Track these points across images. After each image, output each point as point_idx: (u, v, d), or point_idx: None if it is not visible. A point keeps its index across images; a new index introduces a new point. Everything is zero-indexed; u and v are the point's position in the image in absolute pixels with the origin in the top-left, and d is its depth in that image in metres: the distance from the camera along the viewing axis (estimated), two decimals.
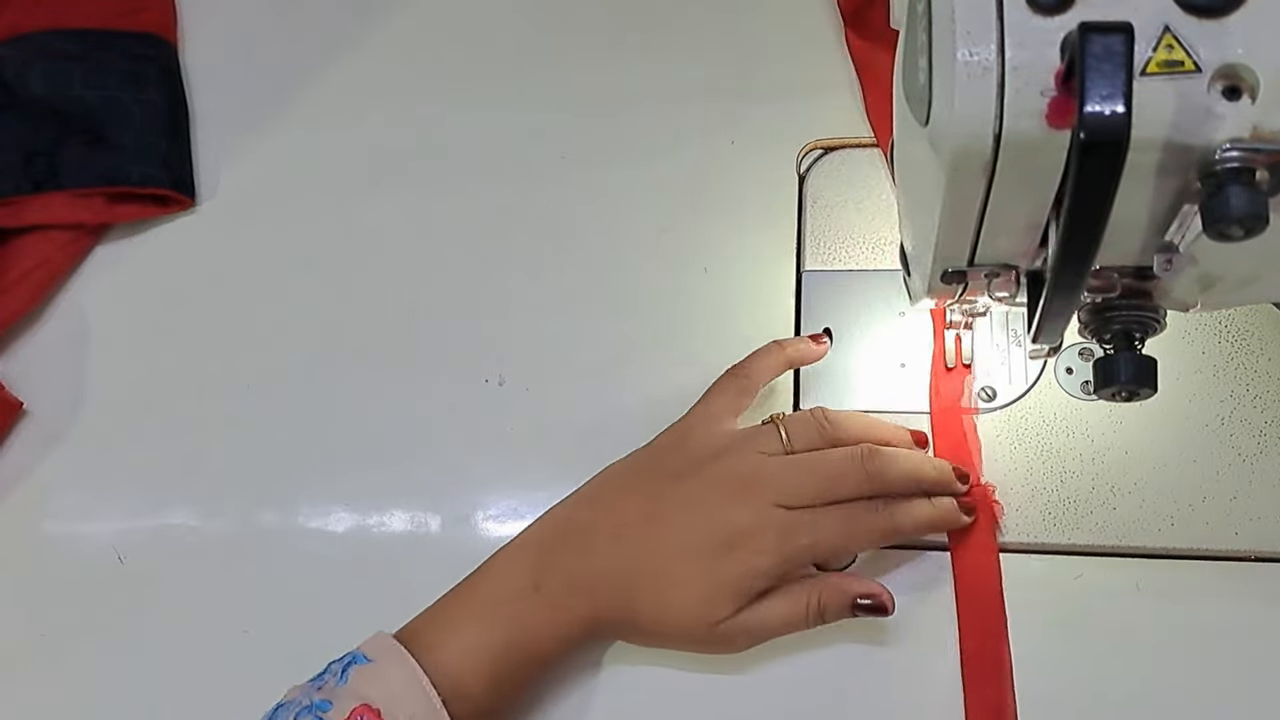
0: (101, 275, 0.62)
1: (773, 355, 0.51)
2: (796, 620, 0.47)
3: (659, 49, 0.63)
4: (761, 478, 0.47)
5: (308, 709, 0.43)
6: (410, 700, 0.42)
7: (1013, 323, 0.54)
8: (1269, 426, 0.50)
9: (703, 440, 0.49)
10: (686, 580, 0.46)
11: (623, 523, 0.47)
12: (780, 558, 0.46)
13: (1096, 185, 0.31)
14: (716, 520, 0.46)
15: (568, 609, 0.46)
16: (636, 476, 0.49)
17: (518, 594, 0.46)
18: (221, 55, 0.67)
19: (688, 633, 0.47)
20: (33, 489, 0.58)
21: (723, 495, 0.46)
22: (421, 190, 0.62)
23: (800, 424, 0.49)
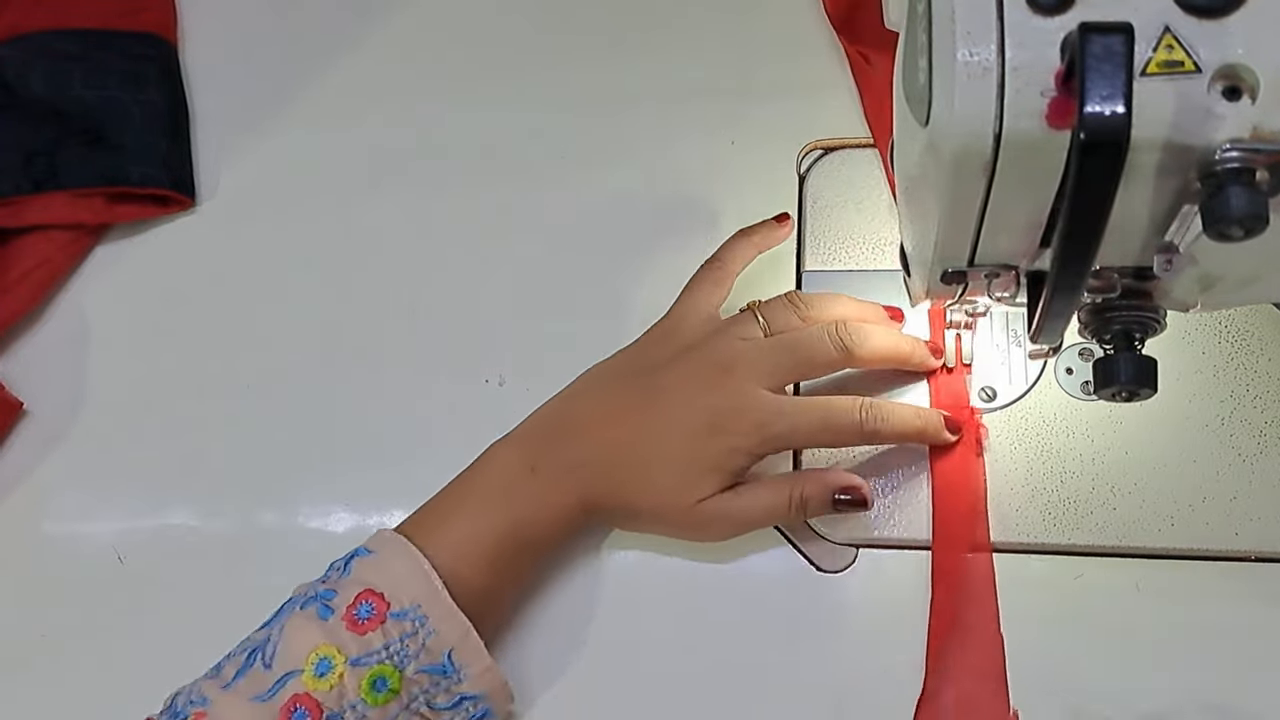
0: (101, 275, 0.62)
1: (741, 243, 0.53)
2: (778, 510, 0.48)
3: (659, 49, 0.63)
4: (740, 361, 0.48)
5: (313, 598, 0.44)
6: (413, 584, 0.44)
7: (1013, 323, 0.54)
8: (1269, 426, 0.50)
9: (684, 331, 0.51)
10: (670, 459, 0.48)
11: (611, 410, 0.49)
12: (759, 439, 0.47)
13: (1096, 185, 0.31)
14: (699, 405, 0.48)
15: (561, 491, 0.48)
16: (623, 369, 0.51)
17: (513, 479, 0.48)
18: (221, 55, 0.67)
19: (670, 511, 0.48)
20: (33, 489, 0.58)
21: (704, 381, 0.48)
22: (421, 190, 0.62)
23: (776, 307, 0.50)
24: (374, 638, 0.43)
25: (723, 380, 0.48)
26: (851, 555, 0.51)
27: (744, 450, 0.48)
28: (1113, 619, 0.48)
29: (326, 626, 0.43)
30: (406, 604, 0.44)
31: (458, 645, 0.44)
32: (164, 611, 0.54)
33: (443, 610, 0.44)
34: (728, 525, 0.49)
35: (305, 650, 0.43)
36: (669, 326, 0.52)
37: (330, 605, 0.44)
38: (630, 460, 0.48)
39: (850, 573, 0.51)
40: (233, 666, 0.44)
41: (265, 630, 0.45)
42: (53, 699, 0.53)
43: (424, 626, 0.43)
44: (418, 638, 0.43)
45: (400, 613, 0.43)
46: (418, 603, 0.44)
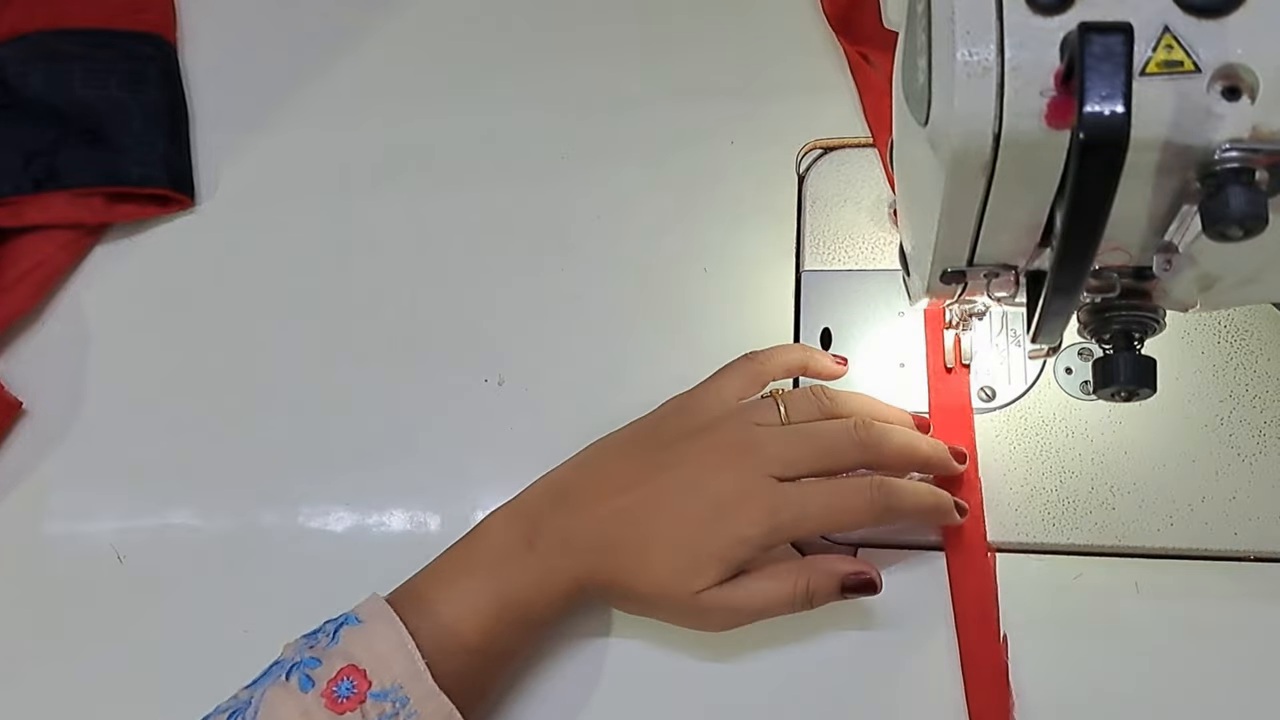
0: (101, 275, 0.62)
1: (793, 354, 0.52)
2: (782, 601, 0.46)
3: (659, 49, 0.63)
4: (754, 447, 0.46)
5: (298, 665, 0.43)
6: (395, 662, 0.43)
7: (1012, 323, 0.54)
8: (1268, 426, 0.50)
9: (701, 411, 0.49)
10: (672, 543, 0.46)
11: (616, 485, 0.47)
12: (768, 528, 0.45)
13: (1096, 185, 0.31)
14: (707, 487, 0.46)
15: (559, 567, 0.46)
16: (633, 443, 0.49)
17: (511, 551, 0.47)
18: (221, 55, 0.67)
19: (669, 598, 0.46)
20: (33, 489, 0.58)
21: (715, 463, 0.46)
22: (421, 190, 0.62)
23: (799, 398, 0.49)
24: (352, 718, 0.42)
25: (735, 463, 0.46)
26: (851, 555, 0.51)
27: (750, 541, 0.45)
28: (1112, 619, 0.48)
29: (305, 702, 0.42)
30: (388, 683, 0.42)
31: None
32: (164, 611, 0.54)
33: (425, 691, 0.43)
34: (728, 616, 0.47)
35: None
36: (688, 404, 0.50)
37: (312, 677, 0.43)
38: (630, 540, 0.46)
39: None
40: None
41: (249, 691, 0.44)
42: (53, 699, 0.53)
43: (405, 708, 0.42)
44: (398, 719, 0.42)
45: (381, 693, 0.42)
46: (399, 683, 0.42)
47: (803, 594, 0.46)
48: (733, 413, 0.48)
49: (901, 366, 0.54)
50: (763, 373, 0.51)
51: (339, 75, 0.66)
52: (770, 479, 0.46)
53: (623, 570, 0.47)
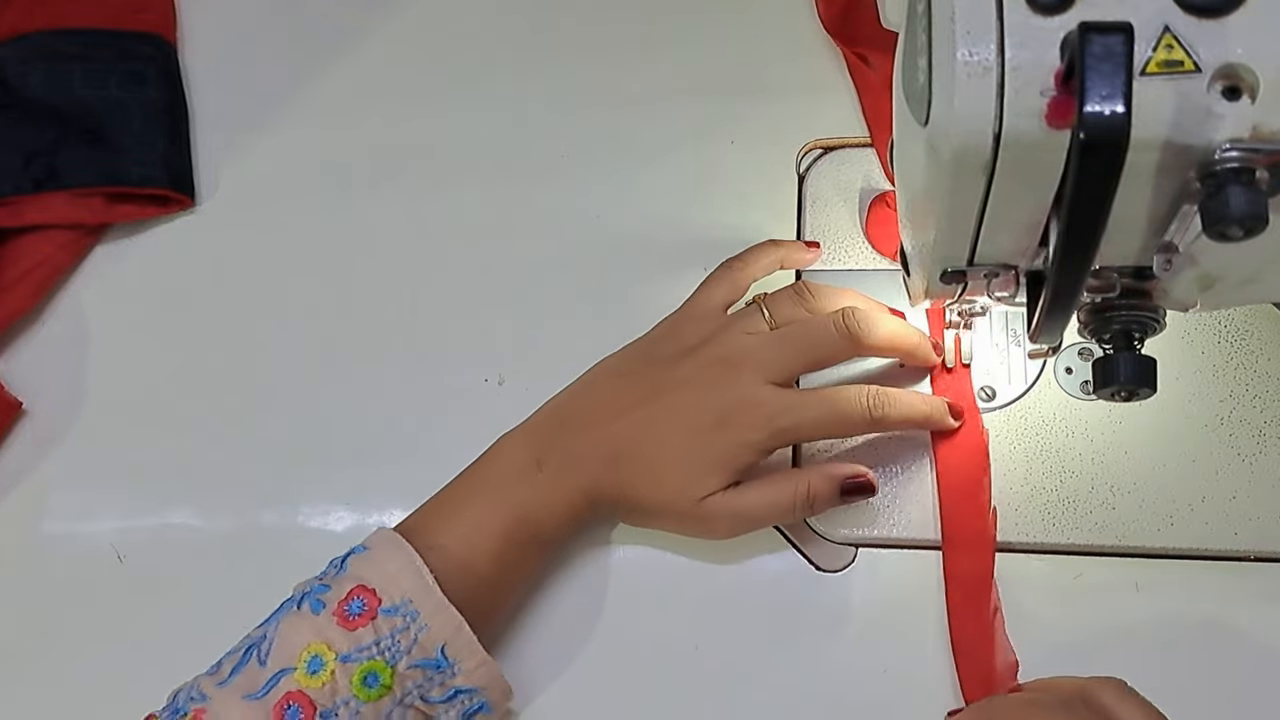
0: (101, 275, 0.62)
1: (766, 253, 0.53)
2: (784, 505, 0.48)
3: (659, 49, 0.63)
4: (746, 356, 0.48)
5: (307, 594, 0.45)
6: (404, 579, 0.44)
7: (1012, 323, 0.54)
8: (1269, 426, 0.50)
9: (692, 328, 0.51)
10: (676, 454, 0.48)
11: (619, 405, 0.49)
12: (767, 433, 0.47)
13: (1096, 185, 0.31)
14: (706, 401, 0.48)
15: (567, 484, 0.48)
16: (631, 364, 0.51)
17: (520, 473, 0.48)
18: (221, 55, 0.67)
19: (674, 506, 0.48)
20: (33, 489, 0.57)
21: (712, 377, 0.48)
22: (421, 190, 0.62)
23: (781, 300, 0.50)
24: (364, 633, 0.43)
25: (730, 377, 0.48)
26: (851, 555, 0.51)
27: (751, 445, 0.47)
28: (1112, 619, 0.49)
29: (317, 623, 0.43)
30: (398, 599, 0.44)
31: (450, 640, 0.44)
32: (164, 611, 0.54)
33: (434, 605, 0.44)
34: (733, 522, 0.49)
35: (298, 648, 0.43)
36: (679, 321, 0.52)
37: (323, 600, 0.44)
38: (636, 455, 0.48)
39: (850, 572, 0.51)
40: (230, 663, 0.44)
41: (263, 628, 0.45)
42: (53, 699, 0.53)
43: (415, 621, 0.44)
44: (409, 633, 0.43)
45: (391, 608, 0.44)
46: (409, 598, 0.44)
47: (803, 498, 0.48)
48: (721, 325, 0.50)
49: (901, 367, 0.54)
50: (743, 277, 0.52)
51: (339, 75, 0.65)
52: (767, 385, 0.48)
53: (629, 483, 0.48)
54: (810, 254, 0.54)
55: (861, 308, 0.49)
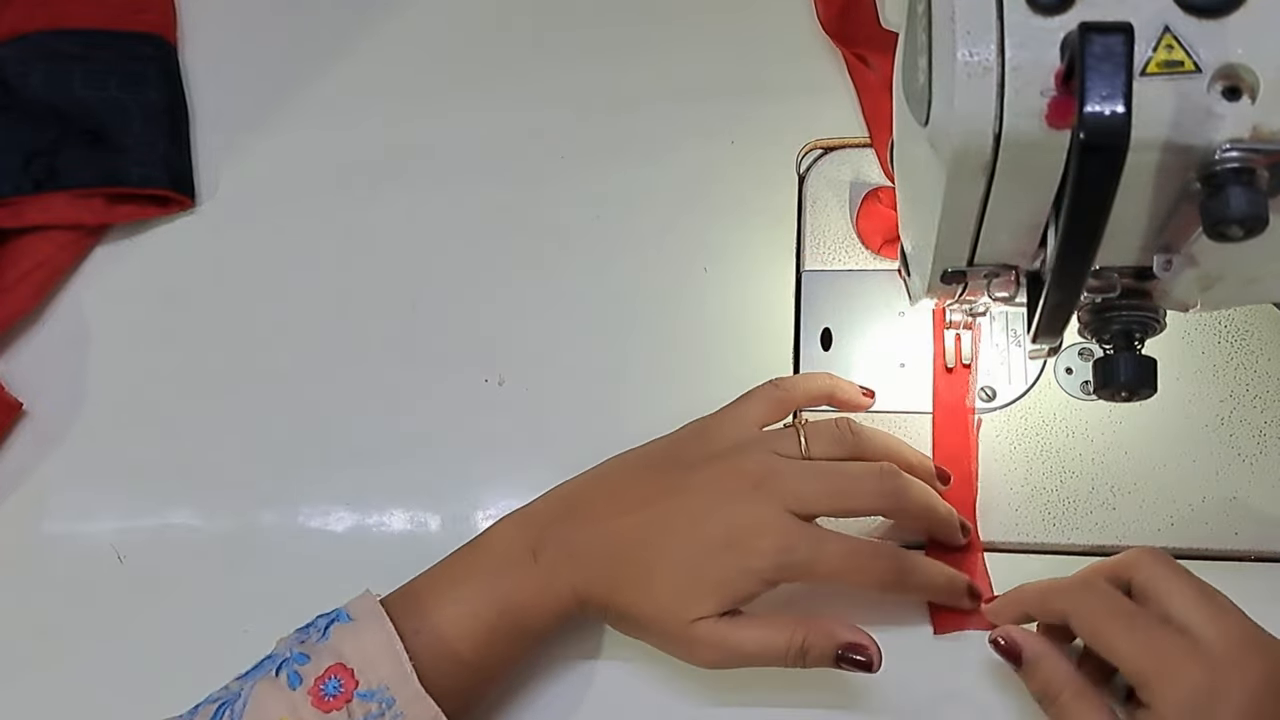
0: (101, 275, 0.62)
1: (819, 382, 0.51)
2: (775, 651, 0.44)
3: (659, 49, 0.63)
4: (772, 477, 0.45)
5: (287, 661, 0.43)
6: (383, 664, 0.43)
7: (1013, 323, 0.54)
8: (1269, 426, 0.50)
9: (722, 436, 0.48)
10: (676, 566, 0.44)
11: (627, 503, 0.46)
12: (775, 564, 0.44)
13: (1096, 185, 0.31)
14: (719, 515, 0.45)
15: (560, 578, 0.46)
16: (649, 462, 0.48)
17: (515, 561, 0.46)
18: (221, 55, 0.67)
19: (664, 622, 0.45)
20: (33, 489, 0.58)
21: (730, 491, 0.45)
22: (422, 190, 0.62)
23: (822, 431, 0.47)
24: (338, 717, 0.42)
25: (749, 493, 0.45)
26: None
27: (756, 573, 0.44)
28: None
29: (293, 700, 0.42)
30: (375, 684, 0.42)
31: None
32: (164, 611, 0.54)
33: (411, 694, 0.42)
34: (719, 653, 0.45)
35: (270, 719, 0.42)
36: (709, 427, 0.49)
37: (300, 674, 0.43)
38: (635, 558, 0.45)
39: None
40: (203, 717, 0.43)
41: (240, 683, 0.44)
42: (53, 699, 0.53)
43: (391, 709, 0.42)
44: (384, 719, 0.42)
45: (368, 693, 0.42)
46: (386, 684, 0.42)
47: (797, 648, 0.44)
48: (753, 440, 0.47)
49: (902, 366, 0.54)
50: (787, 399, 0.49)
51: (339, 75, 0.65)
52: (787, 514, 0.44)
53: (623, 588, 0.46)
54: (865, 400, 0.51)
55: (900, 471, 0.46)
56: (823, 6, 0.61)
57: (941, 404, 0.52)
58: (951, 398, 0.52)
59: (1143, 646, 0.41)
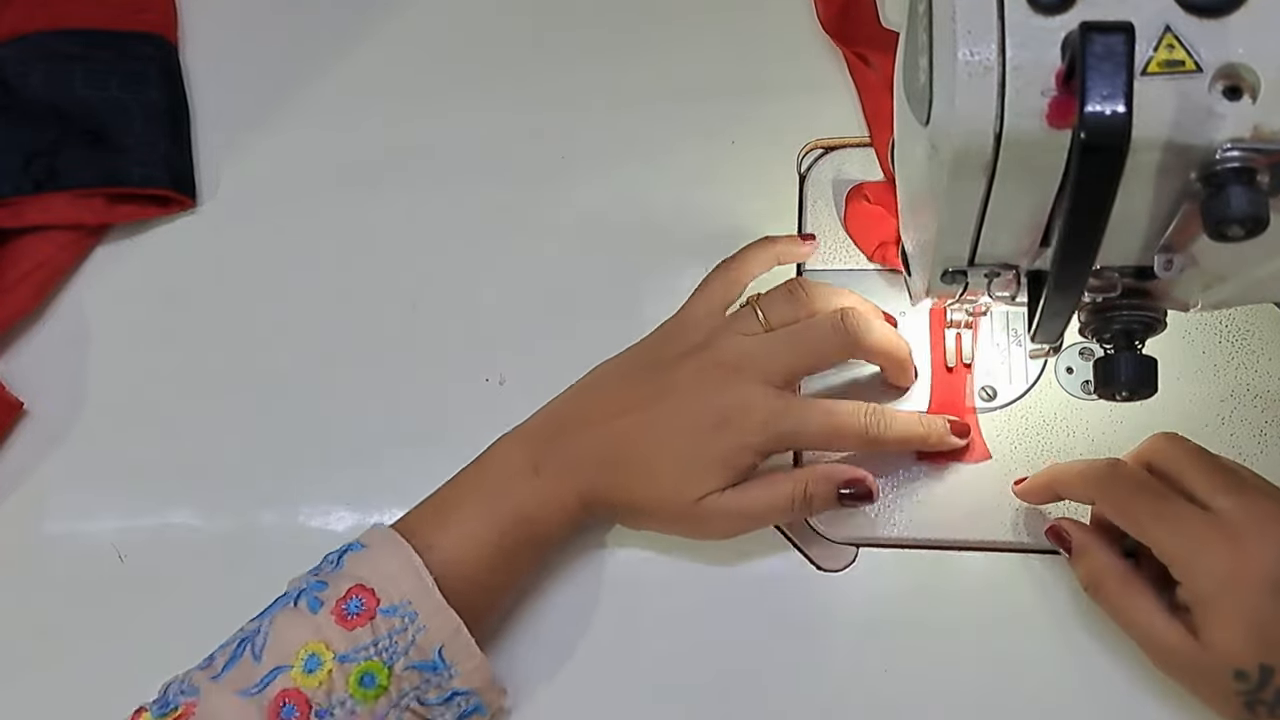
0: (101, 275, 0.62)
1: (762, 250, 0.53)
2: (781, 505, 0.48)
3: (659, 49, 0.63)
4: (745, 359, 0.48)
5: (304, 591, 0.45)
6: (403, 580, 0.44)
7: (1013, 322, 0.54)
8: (1269, 426, 0.50)
9: (690, 331, 0.51)
10: (675, 454, 0.47)
11: (617, 407, 0.49)
12: (766, 436, 0.47)
13: (1097, 185, 0.31)
14: (706, 404, 0.47)
15: (563, 487, 0.48)
16: (631, 367, 0.51)
17: (516, 476, 0.48)
18: (221, 55, 0.67)
19: (671, 507, 0.48)
20: (33, 489, 0.58)
21: (711, 381, 0.48)
22: (422, 190, 0.62)
23: (776, 299, 0.50)
24: (362, 634, 0.43)
25: (730, 380, 0.48)
26: (851, 555, 0.51)
27: (751, 447, 0.47)
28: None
29: (315, 622, 0.43)
30: (396, 600, 0.44)
31: (448, 642, 0.44)
32: (164, 611, 0.54)
33: (432, 606, 0.44)
34: (730, 522, 0.48)
35: (294, 645, 0.43)
36: (676, 325, 0.52)
37: (320, 599, 0.44)
38: (634, 455, 0.48)
39: (850, 572, 0.51)
40: (223, 657, 0.44)
41: (256, 622, 0.45)
42: (53, 699, 0.53)
43: (414, 623, 0.43)
44: (407, 634, 0.43)
45: (390, 609, 0.44)
46: (407, 599, 0.44)
47: (801, 498, 0.48)
48: (720, 328, 0.50)
49: None
50: (739, 277, 0.52)
51: (339, 75, 0.65)
52: (768, 388, 0.48)
53: (627, 485, 0.48)
54: (807, 247, 0.54)
55: (854, 311, 0.49)
56: (823, 6, 0.61)
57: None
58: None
59: (1170, 526, 0.42)
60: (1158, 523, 0.43)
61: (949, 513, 0.51)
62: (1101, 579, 0.45)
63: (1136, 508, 0.44)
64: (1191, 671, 0.42)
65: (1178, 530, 0.42)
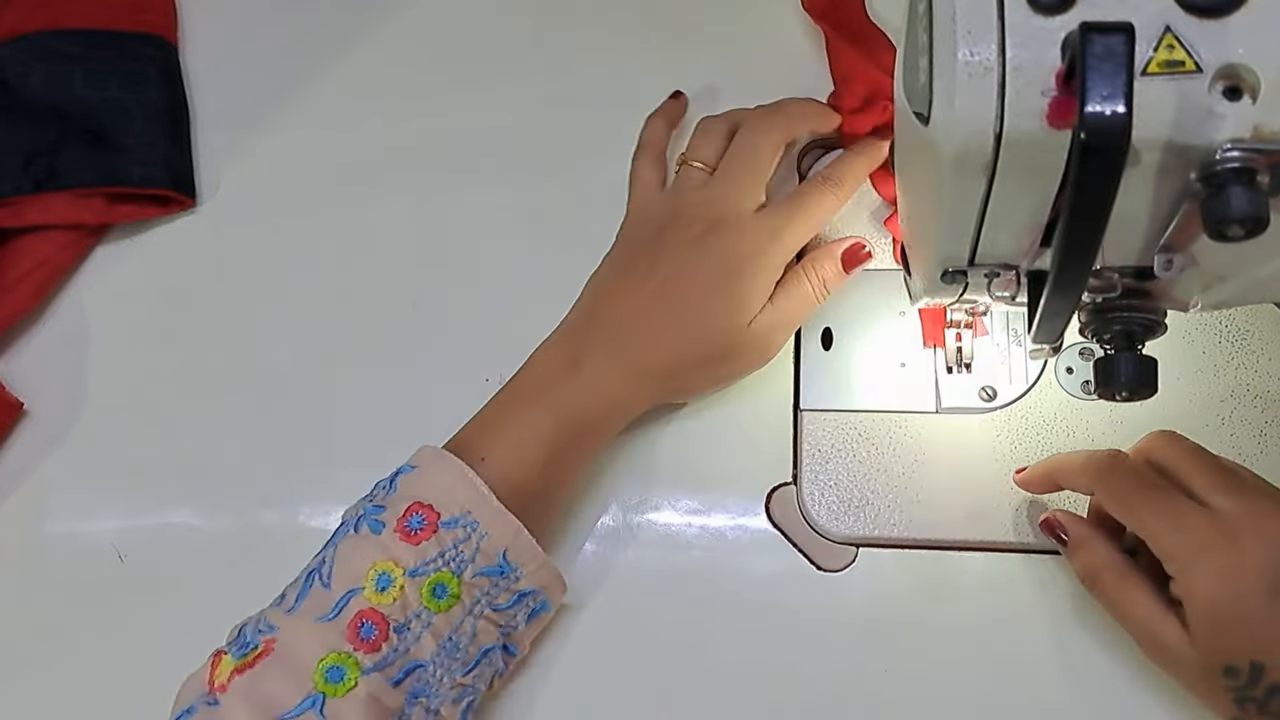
0: (101, 275, 0.62)
1: (657, 123, 0.58)
2: (810, 298, 0.52)
3: (659, 49, 0.63)
4: (712, 208, 0.51)
5: (362, 517, 0.45)
6: (459, 492, 0.45)
7: (1013, 322, 0.54)
8: (1269, 426, 0.50)
9: (651, 211, 0.54)
10: (705, 305, 0.49)
11: (628, 286, 0.51)
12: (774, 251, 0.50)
13: (1097, 185, 0.31)
14: (709, 256, 0.50)
15: (610, 375, 0.49)
16: (624, 264, 0.53)
17: (558, 377, 0.49)
18: (221, 55, 0.67)
19: (727, 346, 0.50)
20: (33, 489, 0.58)
21: (697, 238, 0.50)
22: (422, 190, 0.62)
23: (699, 144, 0.54)
24: (428, 547, 0.44)
25: (713, 230, 0.50)
26: (851, 554, 0.51)
27: (769, 267, 0.50)
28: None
29: (380, 542, 0.44)
30: (456, 511, 0.45)
31: (511, 545, 0.45)
32: (164, 611, 0.54)
33: (492, 513, 0.45)
34: (778, 333, 0.51)
35: (363, 567, 0.44)
36: (636, 215, 0.55)
37: (381, 520, 0.45)
38: (668, 316, 0.50)
39: (850, 572, 0.51)
40: (294, 592, 0.45)
41: (320, 555, 0.46)
42: (53, 699, 0.53)
43: (476, 530, 0.44)
44: (471, 542, 0.44)
45: (451, 520, 0.44)
46: (467, 509, 0.45)
47: (819, 283, 0.52)
48: (672, 198, 0.53)
49: (902, 366, 0.54)
50: (655, 151, 0.57)
51: (339, 75, 0.65)
52: (748, 216, 0.51)
53: (672, 344, 0.50)
54: (677, 102, 0.58)
55: (770, 108, 0.54)
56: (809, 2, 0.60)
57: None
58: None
59: (1168, 521, 0.42)
60: (1156, 517, 0.43)
61: (949, 513, 0.51)
62: (1098, 572, 0.45)
63: (1136, 501, 0.44)
64: (1184, 666, 0.43)
65: (1176, 526, 0.42)
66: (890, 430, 0.53)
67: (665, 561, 0.52)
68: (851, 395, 0.54)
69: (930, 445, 0.52)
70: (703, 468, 0.53)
